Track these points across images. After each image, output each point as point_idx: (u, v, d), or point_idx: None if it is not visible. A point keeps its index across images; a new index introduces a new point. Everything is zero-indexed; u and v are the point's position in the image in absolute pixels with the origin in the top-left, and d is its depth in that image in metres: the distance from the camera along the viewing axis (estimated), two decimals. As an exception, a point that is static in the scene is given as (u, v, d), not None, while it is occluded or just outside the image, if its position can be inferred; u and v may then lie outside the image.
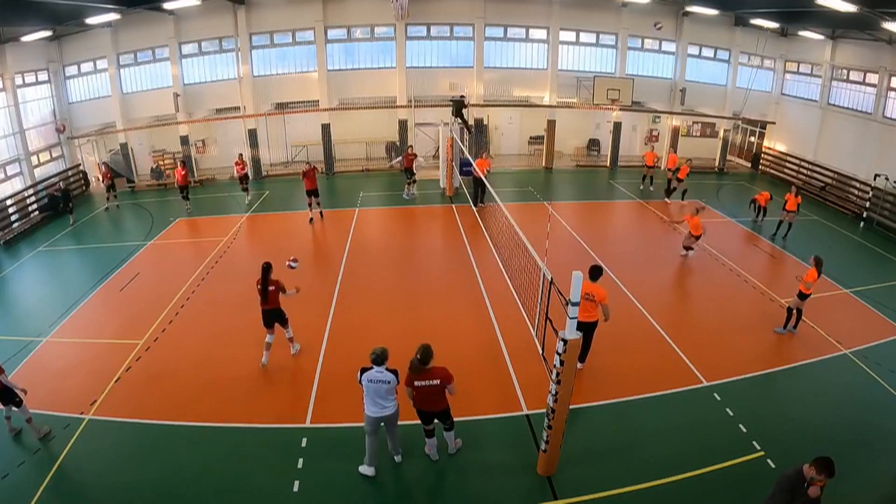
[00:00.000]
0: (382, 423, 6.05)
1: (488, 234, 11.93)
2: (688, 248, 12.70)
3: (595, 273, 7.65)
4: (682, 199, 17.31)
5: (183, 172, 16.44)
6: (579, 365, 7.87)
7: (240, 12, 19.06)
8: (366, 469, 6.22)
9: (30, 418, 6.84)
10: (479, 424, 7.10)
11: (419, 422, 6.25)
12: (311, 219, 15.38)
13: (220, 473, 6.36)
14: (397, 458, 6.43)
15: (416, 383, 5.84)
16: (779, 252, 13.51)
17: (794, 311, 9.35)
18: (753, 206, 15.85)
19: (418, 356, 5.78)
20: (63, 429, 7.06)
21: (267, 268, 7.99)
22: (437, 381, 5.83)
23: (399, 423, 6.22)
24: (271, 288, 7.98)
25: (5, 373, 6.78)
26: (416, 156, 17.54)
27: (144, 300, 10.75)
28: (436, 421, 6.24)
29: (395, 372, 5.81)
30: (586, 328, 7.56)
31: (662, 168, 21.17)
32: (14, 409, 6.77)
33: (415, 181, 17.47)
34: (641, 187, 18.95)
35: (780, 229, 14.37)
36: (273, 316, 8.22)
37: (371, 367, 5.76)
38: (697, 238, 12.35)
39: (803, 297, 9.17)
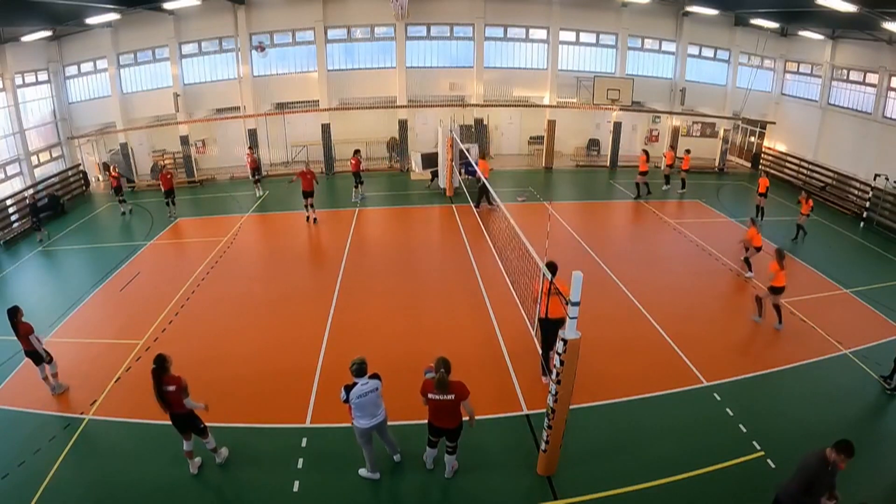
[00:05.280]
0: (374, 432, 5.96)
1: (488, 234, 11.93)
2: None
3: (552, 268, 6.58)
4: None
5: (168, 176, 15.96)
6: (544, 379, 7.52)
7: (240, 12, 19.07)
8: (370, 474, 6.17)
9: (56, 373, 7.80)
10: (479, 424, 7.02)
11: (418, 421, 6.21)
12: (308, 217, 15.38)
13: (220, 473, 6.37)
14: (396, 458, 6.42)
15: (430, 395, 5.66)
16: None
17: (773, 307, 9.52)
18: (756, 196, 15.58)
19: (443, 370, 5.56)
20: (63, 429, 7.07)
21: (158, 366, 5.86)
22: (451, 396, 5.60)
23: (394, 422, 6.16)
24: (171, 388, 5.85)
25: (34, 333, 7.56)
26: (359, 161, 16.99)
27: (145, 300, 10.75)
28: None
29: (377, 376, 5.73)
30: (554, 325, 6.69)
31: (661, 167, 21.10)
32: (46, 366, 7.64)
33: (362, 182, 17.17)
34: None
35: (798, 233, 14.16)
36: (184, 421, 6.13)
37: (355, 384, 5.63)
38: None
39: (775, 291, 9.31)
